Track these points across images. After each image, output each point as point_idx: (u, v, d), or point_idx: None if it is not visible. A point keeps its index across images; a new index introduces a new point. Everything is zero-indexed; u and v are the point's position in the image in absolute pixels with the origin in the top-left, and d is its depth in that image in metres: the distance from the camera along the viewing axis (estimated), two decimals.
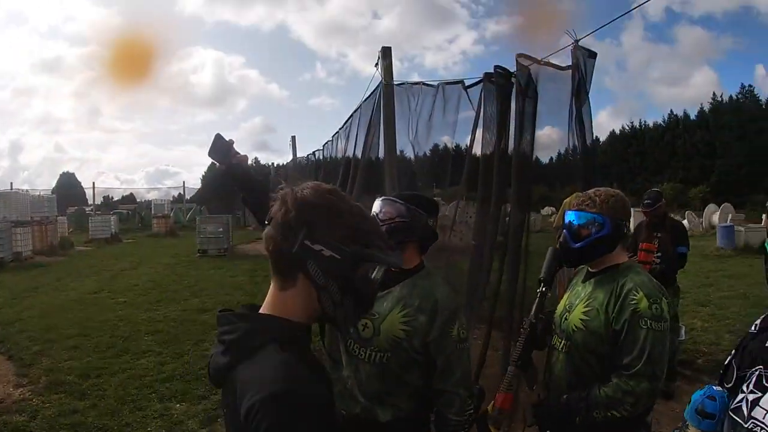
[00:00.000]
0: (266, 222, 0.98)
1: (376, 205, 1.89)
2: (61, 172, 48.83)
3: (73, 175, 47.50)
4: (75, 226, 23.85)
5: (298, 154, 12.86)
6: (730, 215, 18.07)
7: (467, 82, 3.97)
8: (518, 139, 3.28)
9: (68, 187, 40.34)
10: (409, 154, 4.83)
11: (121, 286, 10.62)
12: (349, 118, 7.49)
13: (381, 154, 5.58)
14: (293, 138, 13.10)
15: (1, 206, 15.26)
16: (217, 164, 1.78)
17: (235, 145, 1.78)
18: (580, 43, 2.89)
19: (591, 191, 1.96)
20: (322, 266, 0.93)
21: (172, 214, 28.30)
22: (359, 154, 6.27)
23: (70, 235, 20.01)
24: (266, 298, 1.00)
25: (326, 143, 9.23)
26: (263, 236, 0.98)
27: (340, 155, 7.79)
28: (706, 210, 20.25)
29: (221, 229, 15.47)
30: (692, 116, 41.29)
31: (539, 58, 3.15)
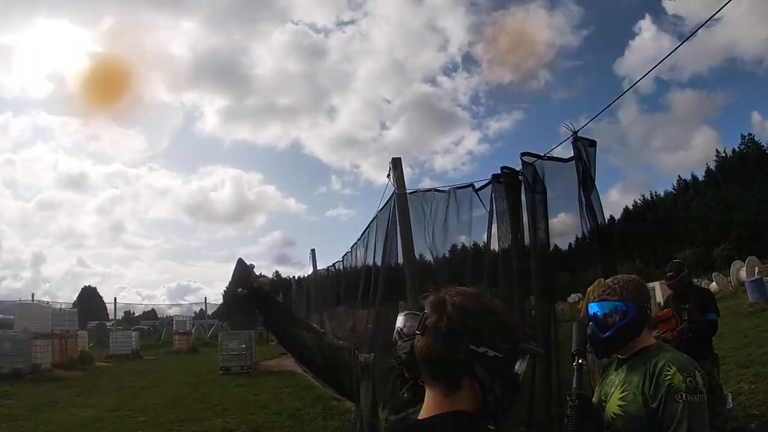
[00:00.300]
0: (417, 332, 1.00)
1: (400, 321, 1.86)
2: (82, 286, 49.28)
3: (95, 289, 47.73)
4: (95, 341, 23.67)
5: (319, 266, 13.04)
6: (756, 268, 17.41)
7: (477, 184, 4.15)
8: (533, 230, 3.36)
9: (89, 301, 40.51)
10: (428, 257, 4.89)
11: (141, 404, 10.31)
12: (366, 229, 7.70)
13: (400, 260, 5.68)
14: (312, 251, 13.35)
15: (22, 317, 15.32)
16: (239, 288, 1.83)
17: (256, 268, 1.88)
18: (579, 133, 3.06)
19: (609, 280, 1.98)
20: (488, 367, 0.95)
21: (193, 331, 28.11)
22: (379, 263, 6.36)
23: (90, 350, 19.82)
24: (426, 407, 1.00)
25: (346, 254, 9.39)
26: (416, 346, 1.00)
27: (359, 265, 7.88)
28: (732, 267, 19.57)
29: (244, 346, 15.21)
30: (700, 177, 41.70)
31: (542, 155, 3.33)
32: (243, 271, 1.82)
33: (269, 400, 10.32)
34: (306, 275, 15.87)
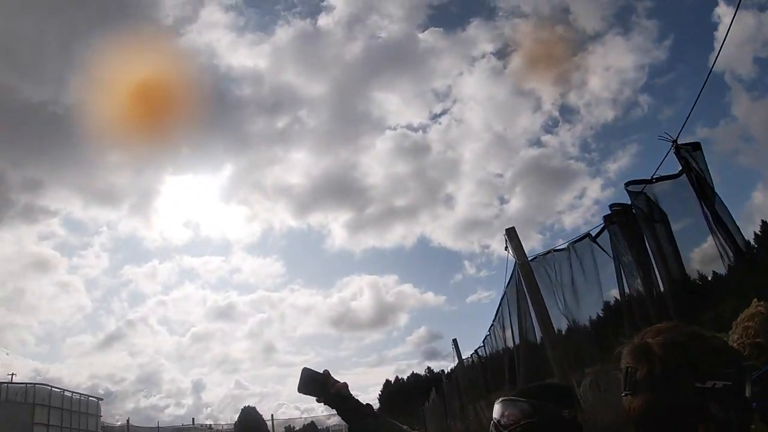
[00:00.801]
0: (625, 393, 0.92)
1: (496, 411, 1.66)
2: (242, 407, 51.99)
3: (254, 408, 50.05)
4: None
5: (465, 355, 12.53)
6: None
7: (593, 232, 3.78)
8: (663, 265, 2.90)
9: (250, 421, 42.43)
10: (564, 326, 4.46)
11: None
12: (498, 307, 7.38)
13: (538, 334, 5.27)
14: (454, 341, 12.95)
15: None
16: (315, 398, 1.77)
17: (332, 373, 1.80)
18: (679, 141, 2.70)
19: None
20: (720, 401, 0.84)
21: None
22: (518, 341, 5.97)
23: None
24: None
25: (486, 338, 8.96)
26: (629, 409, 0.91)
27: (501, 346, 7.44)
28: None
29: None
30: None
31: (649, 178, 2.97)
32: (314, 380, 1.77)
33: None
34: (453, 367, 15.27)
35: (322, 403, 1.80)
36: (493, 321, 7.92)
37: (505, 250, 5.65)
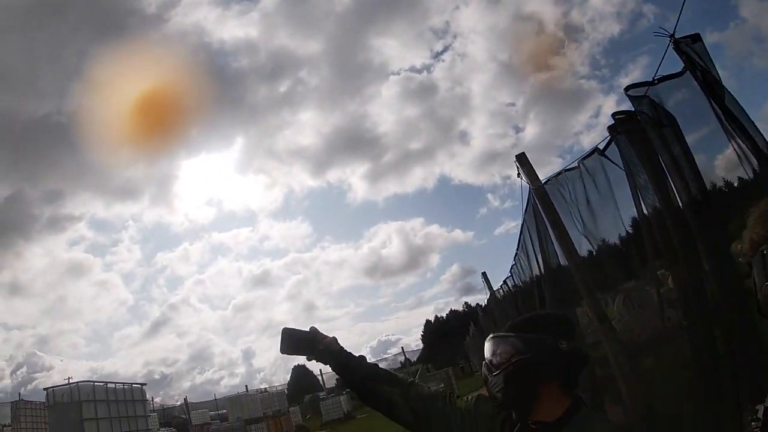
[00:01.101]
0: None
1: (487, 349, 1.48)
2: (292, 366, 52.80)
3: (303, 366, 52.00)
4: (312, 412, 25.09)
5: (496, 287, 12.47)
6: None
7: (601, 146, 3.42)
8: (677, 176, 2.56)
9: (302, 379, 44.45)
10: (585, 247, 4.19)
11: None
12: (520, 236, 7.16)
13: (562, 261, 5.05)
14: (484, 275, 12.86)
15: (234, 408, 17.39)
16: (306, 357, 1.66)
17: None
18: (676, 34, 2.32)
19: None
20: None
21: None
22: (543, 267, 5.77)
23: (307, 421, 21.51)
24: None
25: (512, 267, 8.80)
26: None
27: (528, 274, 7.27)
28: None
29: (442, 385, 15.09)
30: None
31: (651, 79, 2.60)
32: (300, 339, 1.64)
33: None
34: (487, 300, 15.31)
35: (315, 361, 1.68)
36: (517, 250, 7.73)
37: (518, 176, 5.36)
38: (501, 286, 10.40)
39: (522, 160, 5.18)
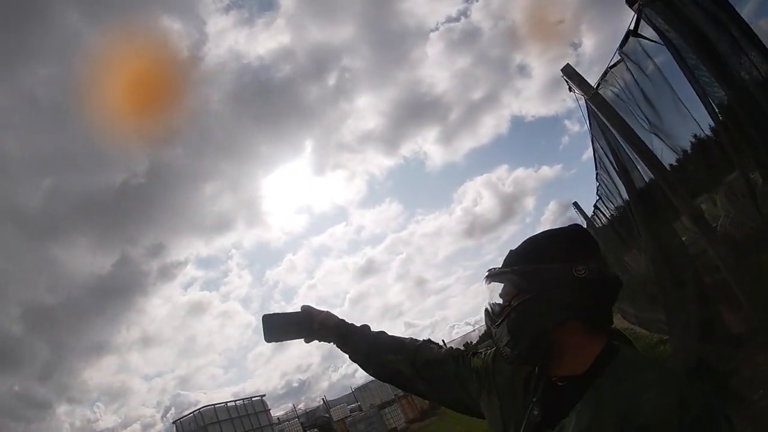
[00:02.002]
0: None
1: (485, 293, 1.15)
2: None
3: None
4: None
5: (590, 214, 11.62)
6: None
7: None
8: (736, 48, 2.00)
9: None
10: (659, 145, 3.62)
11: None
12: (594, 154, 6.52)
13: (640, 167, 4.48)
14: (575, 204, 12.05)
15: (365, 397, 18.03)
16: (304, 341, 1.49)
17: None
18: None
19: None
20: None
21: None
22: (624, 181, 5.18)
23: None
24: None
25: (597, 188, 8.09)
26: None
27: (615, 192, 6.63)
28: None
29: None
30: None
31: None
32: (288, 323, 1.48)
33: None
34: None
35: (314, 341, 1.50)
36: (596, 170, 7.07)
37: (570, 91, 4.88)
38: (594, 212, 9.64)
39: (568, 72, 4.69)
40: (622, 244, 8.27)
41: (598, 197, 8.39)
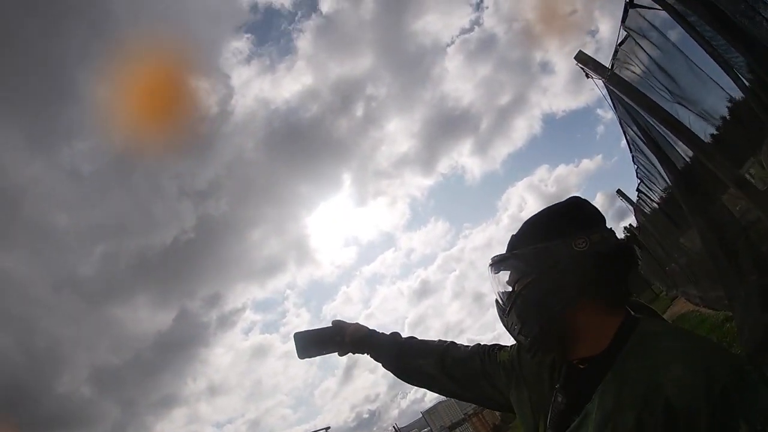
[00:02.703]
0: None
1: (493, 283, 1.11)
2: None
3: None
4: None
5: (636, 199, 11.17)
6: None
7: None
8: None
9: None
10: (685, 114, 3.50)
11: None
12: (626, 136, 6.31)
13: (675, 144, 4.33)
14: (618, 192, 11.59)
15: (435, 419, 17.85)
16: (338, 355, 1.50)
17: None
18: None
19: None
20: None
21: None
22: (657, 155, 4.99)
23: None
24: None
25: (636, 171, 7.80)
26: None
27: (653, 173, 6.39)
28: None
29: None
30: None
31: None
32: (320, 339, 1.49)
33: None
34: (634, 223, 13.78)
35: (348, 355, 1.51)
36: (631, 152, 6.84)
37: (587, 77, 4.80)
38: (638, 196, 9.29)
39: (582, 58, 4.60)
40: (675, 226, 7.89)
41: (639, 180, 8.09)
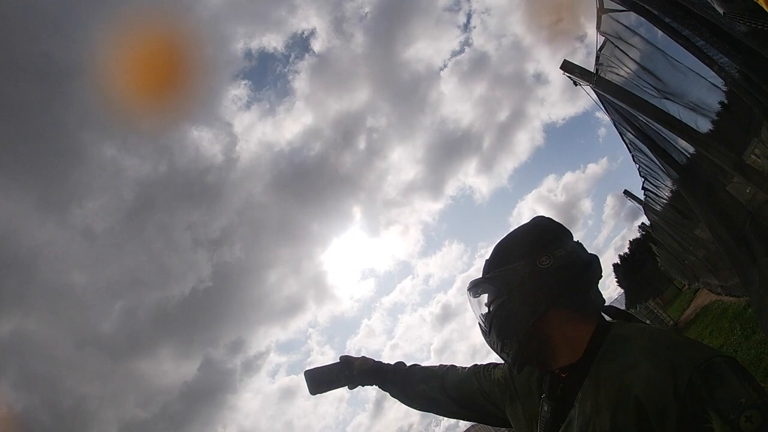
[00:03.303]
0: None
1: (472, 305, 1.18)
2: None
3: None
4: None
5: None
6: None
7: None
8: None
9: None
10: (675, 108, 3.56)
11: None
12: (622, 138, 6.38)
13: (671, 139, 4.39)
14: (626, 193, 11.55)
15: None
16: (347, 388, 1.58)
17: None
18: None
19: None
20: None
21: None
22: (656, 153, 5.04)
23: None
24: None
25: (639, 170, 7.82)
26: None
27: (655, 168, 6.42)
28: None
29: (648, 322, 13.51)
30: None
31: None
32: (329, 374, 1.56)
33: None
34: (647, 222, 13.66)
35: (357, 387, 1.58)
36: (631, 152, 6.90)
37: (575, 85, 4.91)
38: (645, 195, 9.28)
39: (568, 67, 4.71)
40: (686, 219, 7.86)
41: (643, 178, 8.11)
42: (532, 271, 1.06)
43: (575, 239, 1.14)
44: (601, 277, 1.11)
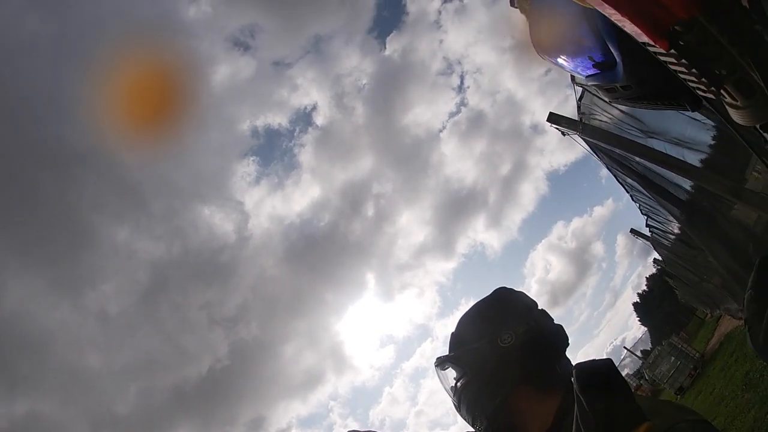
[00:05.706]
0: None
1: (440, 378, 1.20)
2: None
3: None
4: None
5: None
6: None
7: None
8: None
9: None
10: (659, 145, 3.73)
11: None
12: (617, 180, 6.54)
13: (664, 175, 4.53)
14: (632, 231, 11.57)
15: None
16: None
17: None
18: None
19: None
20: None
21: None
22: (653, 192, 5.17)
23: None
24: None
25: (640, 208, 7.91)
26: None
27: (656, 206, 6.52)
28: None
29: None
30: None
31: None
32: None
33: None
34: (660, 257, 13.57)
35: None
36: (627, 192, 7.02)
37: (563, 135, 5.10)
38: (650, 231, 9.31)
39: (554, 119, 4.92)
40: (695, 250, 7.85)
41: (645, 216, 8.19)
42: (494, 352, 1.07)
43: (540, 307, 1.15)
44: (568, 345, 1.12)
